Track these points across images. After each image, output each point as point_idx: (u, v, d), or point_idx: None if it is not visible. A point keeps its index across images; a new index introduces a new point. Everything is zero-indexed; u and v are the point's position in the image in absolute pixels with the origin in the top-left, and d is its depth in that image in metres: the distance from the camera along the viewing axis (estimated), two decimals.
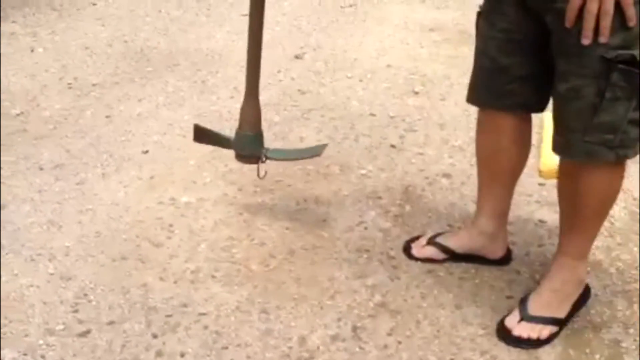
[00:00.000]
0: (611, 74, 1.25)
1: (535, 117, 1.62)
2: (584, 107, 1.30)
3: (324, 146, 1.89)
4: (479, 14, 1.50)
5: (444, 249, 1.71)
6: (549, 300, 1.52)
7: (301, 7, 3.22)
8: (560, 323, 1.52)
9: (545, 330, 1.50)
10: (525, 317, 1.51)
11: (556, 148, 1.41)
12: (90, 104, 2.43)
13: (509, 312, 1.55)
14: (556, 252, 1.55)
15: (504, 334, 1.51)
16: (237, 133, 1.76)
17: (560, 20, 1.28)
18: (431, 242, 1.73)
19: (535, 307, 1.52)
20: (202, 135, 1.90)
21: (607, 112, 1.29)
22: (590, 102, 1.29)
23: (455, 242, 1.71)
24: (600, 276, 1.69)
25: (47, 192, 1.98)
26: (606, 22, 1.22)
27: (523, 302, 1.54)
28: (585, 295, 1.58)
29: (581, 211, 1.45)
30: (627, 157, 1.35)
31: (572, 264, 1.52)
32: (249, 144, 1.75)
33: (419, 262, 1.72)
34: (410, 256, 1.73)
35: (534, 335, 1.49)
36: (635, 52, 1.25)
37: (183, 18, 3.11)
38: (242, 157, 1.80)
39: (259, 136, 1.75)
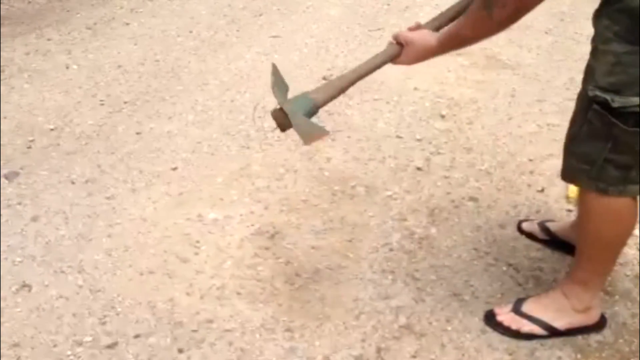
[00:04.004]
0: (588, 111, 1.34)
1: None
2: (571, 133, 1.42)
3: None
4: None
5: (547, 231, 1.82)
6: (544, 305, 1.57)
7: (329, 29, 3.26)
8: (550, 330, 1.55)
9: (527, 327, 1.55)
10: (516, 311, 1.58)
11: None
12: (122, 120, 2.48)
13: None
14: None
15: (489, 316, 1.60)
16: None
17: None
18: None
19: (529, 307, 1.58)
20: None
21: (585, 144, 1.38)
22: (576, 130, 1.40)
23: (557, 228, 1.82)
24: (628, 305, 1.67)
25: (78, 206, 2.02)
26: None
27: (519, 300, 1.60)
28: (600, 322, 1.59)
29: (586, 240, 1.49)
30: (607, 192, 1.39)
31: (572, 288, 1.55)
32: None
33: (443, 285, 1.72)
34: (520, 229, 1.87)
35: (514, 326, 1.56)
36: (615, 98, 1.27)
37: (213, 39, 3.16)
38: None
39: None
